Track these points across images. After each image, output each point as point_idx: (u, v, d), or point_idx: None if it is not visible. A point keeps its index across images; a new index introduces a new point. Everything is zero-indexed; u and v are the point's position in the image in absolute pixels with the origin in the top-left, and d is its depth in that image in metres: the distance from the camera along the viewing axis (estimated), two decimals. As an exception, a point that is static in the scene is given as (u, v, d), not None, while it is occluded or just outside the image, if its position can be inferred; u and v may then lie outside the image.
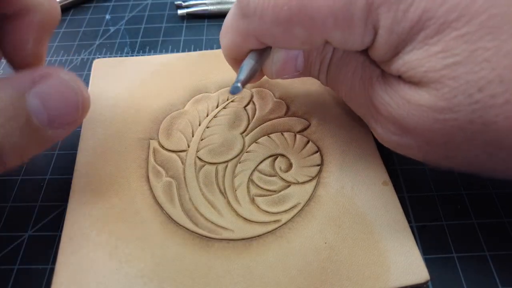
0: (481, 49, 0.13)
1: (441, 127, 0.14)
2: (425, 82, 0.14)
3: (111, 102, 0.24)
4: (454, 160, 0.16)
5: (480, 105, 0.13)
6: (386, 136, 0.17)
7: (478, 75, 0.13)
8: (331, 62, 0.19)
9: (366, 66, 0.17)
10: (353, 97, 0.18)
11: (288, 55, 0.19)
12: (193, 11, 0.32)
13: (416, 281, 0.17)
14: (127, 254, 0.18)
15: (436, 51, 0.13)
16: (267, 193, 0.20)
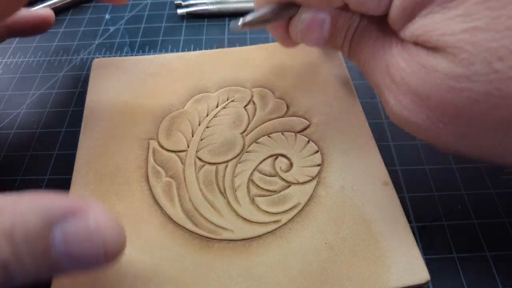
0: (505, 16, 0.12)
1: (455, 97, 0.14)
2: (442, 47, 0.13)
3: (110, 102, 0.24)
4: (465, 141, 0.15)
5: (499, 76, 0.12)
6: (398, 109, 0.16)
7: (499, 43, 0.12)
8: (356, 30, 0.19)
9: (387, 33, 0.17)
10: (372, 67, 0.18)
11: (315, 16, 0.19)
12: (193, 11, 0.32)
13: (416, 281, 0.17)
14: (127, 255, 0.18)
15: (455, 15, 0.13)
16: (267, 193, 0.20)
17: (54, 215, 0.13)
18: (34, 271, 0.13)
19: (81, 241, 0.13)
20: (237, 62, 0.26)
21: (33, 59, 0.29)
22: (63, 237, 0.13)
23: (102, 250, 0.13)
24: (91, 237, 0.13)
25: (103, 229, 0.14)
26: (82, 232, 0.13)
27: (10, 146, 0.24)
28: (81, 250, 0.13)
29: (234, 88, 0.25)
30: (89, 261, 0.14)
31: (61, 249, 0.13)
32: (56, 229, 0.13)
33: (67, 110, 0.26)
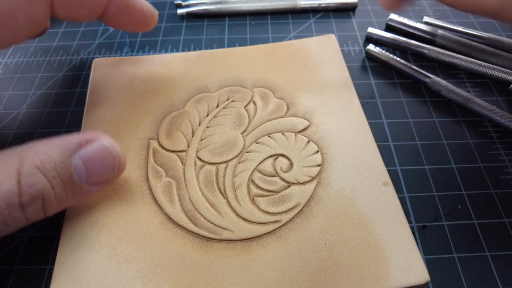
0: None
1: None
2: None
3: (110, 101, 0.24)
4: None
5: None
6: None
7: None
8: None
9: None
10: None
11: None
12: (193, 11, 0.32)
13: (416, 282, 0.17)
14: (126, 255, 0.18)
15: None
16: (267, 193, 0.20)
17: (71, 147, 0.16)
18: (64, 198, 0.16)
19: (98, 156, 0.17)
20: (237, 62, 0.26)
21: (33, 59, 0.29)
22: (82, 161, 0.16)
23: (117, 160, 0.18)
24: (107, 152, 0.17)
25: (115, 145, 0.18)
26: (99, 150, 0.17)
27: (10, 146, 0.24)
28: (99, 164, 0.17)
29: (234, 88, 0.25)
30: (107, 173, 0.18)
31: (81, 171, 0.16)
32: (75, 157, 0.16)
33: (67, 110, 0.26)
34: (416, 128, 0.24)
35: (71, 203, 0.17)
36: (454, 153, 0.23)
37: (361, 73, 0.28)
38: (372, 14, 0.32)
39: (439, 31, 0.29)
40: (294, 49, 0.27)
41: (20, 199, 0.15)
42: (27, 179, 0.15)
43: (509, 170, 0.22)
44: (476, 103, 0.25)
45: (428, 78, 0.26)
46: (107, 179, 0.18)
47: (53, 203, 0.16)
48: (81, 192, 0.17)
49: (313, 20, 0.32)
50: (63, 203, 0.17)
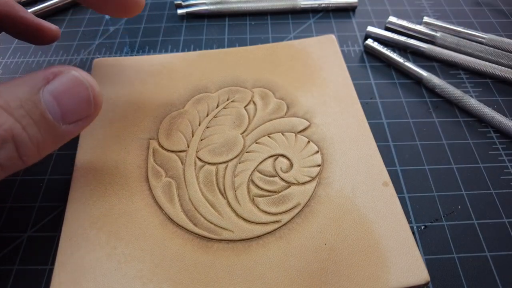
0: None
1: None
2: None
3: (110, 102, 0.24)
4: None
5: None
6: None
7: None
8: None
9: None
10: None
11: None
12: (193, 11, 0.32)
13: (416, 282, 0.17)
14: (126, 255, 0.18)
15: None
16: (267, 193, 0.20)
17: (37, 82, 0.15)
18: (41, 140, 0.15)
19: (69, 89, 0.15)
20: (237, 62, 0.26)
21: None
22: (52, 96, 0.15)
23: (92, 91, 0.16)
24: (78, 82, 0.16)
25: (86, 75, 0.16)
26: (68, 82, 0.15)
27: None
28: (71, 97, 0.15)
29: (234, 88, 0.25)
30: (82, 106, 0.16)
31: (53, 107, 0.15)
32: (43, 93, 0.15)
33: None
34: (416, 128, 0.24)
35: (50, 146, 0.16)
36: (454, 153, 0.23)
37: (361, 73, 0.28)
38: (372, 15, 0.32)
39: (438, 33, 0.29)
40: (294, 49, 0.27)
41: None
42: None
43: (509, 170, 0.22)
44: (469, 102, 0.25)
45: (423, 74, 0.26)
46: (84, 115, 0.16)
47: (29, 146, 0.14)
48: (59, 132, 0.15)
49: (313, 20, 0.32)
50: (41, 146, 0.15)
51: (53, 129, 0.15)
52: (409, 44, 0.29)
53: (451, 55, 0.28)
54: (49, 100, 0.15)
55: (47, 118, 0.15)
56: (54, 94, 0.15)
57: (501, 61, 0.27)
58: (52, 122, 0.15)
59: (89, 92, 0.16)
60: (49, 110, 0.15)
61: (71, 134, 0.16)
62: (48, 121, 0.15)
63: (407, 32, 0.30)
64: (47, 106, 0.15)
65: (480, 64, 0.27)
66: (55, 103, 0.15)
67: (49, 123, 0.15)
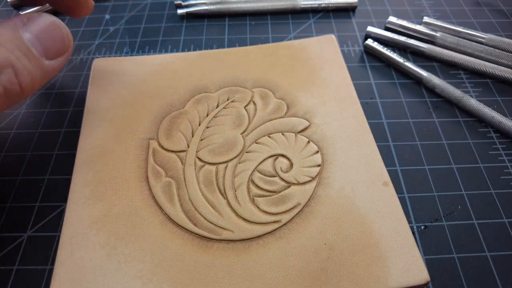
0: None
1: None
2: None
3: (110, 102, 0.24)
4: None
5: None
6: None
7: None
8: None
9: None
10: None
11: None
12: (193, 11, 0.32)
13: (416, 282, 0.17)
14: (126, 255, 0.18)
15: None
16: (267, 193, 0.20)
17: (16, 24, 0.17)
18: (32, 71, 0.17)
19: (45, 27, 0.18)
20: (237, 62, 0.26)
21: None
22: (31, 34, 0.17)
23: (64, 29, 0.19)
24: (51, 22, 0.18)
25: (56, 18, 0.18)
26: (43, 22, 0.18)
27: (10, 146, 0.24)
28: (48, 34, 0.18)
29: (234, 88, 0.25)
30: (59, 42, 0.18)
31: (35, 43, 0.17)
32: (24, 32, 0.17)
33: (67, 110, 0.26)
34: (416, 128, 0.24)
35: (39, 80, 0.17)
36: (454, 153, 0.23)
37: (361, 73, 0.28)
38: (372, 15, 0.32)
39: (438, 33, 0.29)
40: (294, 49, 0.27)
41: None
42: None
43: (509, 170, 0.22)
44: (468, 102, 0.25)
45: (423, 74, 0.26)
46: (62, 51, 0.18)
47: (24, 74, 0.16)
48: (44, 67, 0.17)
49: (313, 20, 0.32)
50: (33, 76, 0.17)
51: (39, 62, 0.17)
52: (409, 44, 0.29)
53: (451, 55, 0.28)
54: (30, 38, 0.17)
55: (32, 52, 0.17)
56: (34, 33, 0.17)
57: (501, 61, 0.27)
58: (37, 56, 0.17)
59: (62, 31, 0.18)
60: (33, 46, 0.17)
61: (54, 69, 0.18)
62: (34, 54, 0.17)
63: (407, 32, 0.30)
64: (30, 43, 0.17)
65: (480, 64, 0.27)
66: (35, 41, 0.17)
67: (35, 56, 0.17)
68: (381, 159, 0.21)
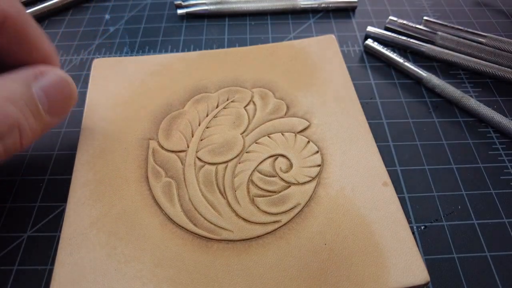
0: None
1: None
2: None
3: (110, 102, 0.24)
4: None
5: None
6: None
7: None
8: None
9: None
10: None
11: None
12: (193, 11, 0.32)
13: (416, 282, 0.17)
14: (126, 255, 0.18)
15: None
16: (267, 193, 0.20)
17: (29, 78, 0.17)
18: (35, 129, 0.17)
19: (56, 85, 0.18)
20: (237, 62, 0.26)
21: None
22: (42, 90, 0.17)
23: (73, 87, 0.19)
24: (64, 80, 0.18)
25: (67, 75, 0.19)
26: (55, 79, 0.18)
27: (10, 146, 0.24)
28: (58, 92, 0.18)
29: (234, 88, 0.25)
30: (65, 100, 0.18)
31: (43, 100, 0.17)
32: (35, 88, 0.17)
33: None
34: (416, 128, 0.24)
35: (38, 135, 0.18)
36: (454, 153, 0.23)
37: (361, 73, 0.28)
38: (372, 15, 0.32)
39: (438, 33, 0.29)
40: (294, 49, 0.27)
41: None
42: (1, 110, 0.15)
43: (509, 170, 0.22)
44: (468, 102, 0.25)
45: (423, 75, 0.26)
46: (65, 110, 0.19)
47: (28, 133, 0.17)
48: (46, 123, 0.18)
49: (313, 20, 0.32)
50: (34, 133, 0.17)
51: (42, 119, 0.17)
52: (409, 44, 0.29)
53: (451, 55, 0.28)
54: (40, 94, 0.17)
55: (39, 109, 0.17)
56: (44, 89, 0.17)
57: (501, 61, 0.27)
58: (42, 114, 0.17)
59: (71, 89, 0.19)
60: (40, 102, 0.17)
61: (52, 125, 0.19)
62: (40, 112, 0.17)
63: (407, 32, 0.30)
64: (39, 99, 0.17)
65: (480, 64, 0.27)
66: (44, 97, 0.17)
67: (40, 114, 0.17)
68: (381, 159, 0.21)
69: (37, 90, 0.17)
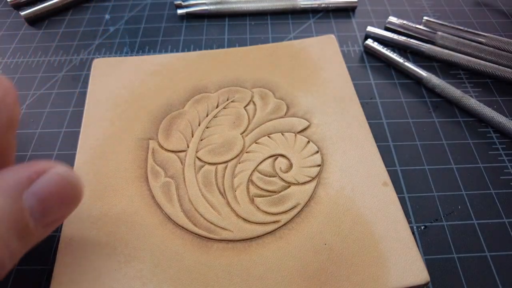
0: None
1: None
2: None
3: (110, 102, 0.24)
4: None
5: None
6: None
7: None
8: None
9: None
10: None
11: None
12: (193, 11, 0.32)
13: (416, 282, 0.17)
14: (126, 255, 0.18)
15: None
16: (267, 193, 0.20)
17: (20, 185, 0.13)
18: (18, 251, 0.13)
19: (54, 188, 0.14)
20: (237, 62, 0.26)
21: (33, 59, 0.29)
22: (36, 198, 0.13)
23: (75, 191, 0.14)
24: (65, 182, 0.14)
25: (69, 172, 0.14)
26: (52, 182, 0.14)
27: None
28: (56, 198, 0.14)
29: (234, 88, 0.25)
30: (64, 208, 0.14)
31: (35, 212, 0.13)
32: (28, 196, 0.13)
33: (67, 110, 0.26)
34: (416, 128, 0.24)
35: (21, 255, 0.13)
36: (454, 153, 0.23)
37: (361, 73, 0.28)
38: (372, 15, 0.32)
39: (438, 33, 0.29)
40: (294, 49, 0.27)
41: None
42: None
43: (509, 170, 0.22)
44: (468, 102, 0.25)
45: (423, 75, 0.26)
46: (64, 216, 0.15)
47: (9, 262, 0.13)
48: (34, 238, 0.14)
49: (313, 20, 0.32)
50: (15, 260, 0.13)
51: (31, 236, 0.13)
52: (409, 44, 0.29)
53: (451, 55, 0.28)
54: (33, 205, 0.13)
55: (29, 227, 0.13)
56: (39, 197, 0.13)
57: (501, 61, 0.27)
58: (32, 229, 0.13)
59: (74, 191, 0.15)
60: (32, 215, 0.13)
61: (42, 237, 0.14)
62: (29, 229, 0.13)
63: (407, 32, 0.30)
64: (30, 212, 0.13)
65: (480, 64, 0.27)
66: (38, 207, 0.13)
67: (29, 231, 0.13)
68: (381, 159, 0.21)
69: (30, 199, 0.13)
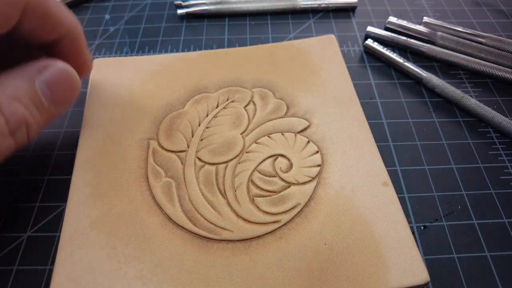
0: None
1: None
2: None
3: (110, 101, 0.24)
4: None
5: None
6: None
7: None
8: None
9: None
10: None
11: None
12: (193, 11, 0.32)
13: (416, 282, 0.17)
14: (126, 255, 0.18)
15: None
16: (267, 193, 0.20)
17: (32, 74, 0.18)
18: (40, 122, 0.18)
19: (59, 77, 0.19)
20: (237, 62, 0.26)
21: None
22: (45, 84, 0.18)
23: (75, 78, 0.19)
24: (66, 73, 0.19)
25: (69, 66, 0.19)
26: (57, 72, 0.19)
27: (10, 146, 0.24)
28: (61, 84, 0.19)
29: (234, 88, 0.25)
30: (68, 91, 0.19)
31: (46, 93, 0.18)
32: (39, 82, 0.18)
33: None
34: (416, 128, 0.24)
35: (44, 126, 0.19)
36: (454, 153, 0.23)
37: (361, 73, 0.28)
38: (372, 15, 0.32)
39: (438, 33, 0.29)
40: (294, 49, 0.27)
41: (8, 127, 0.16)
42: (8, 109, 0.16)
43: (509, 170, 0.22)
44: (468, 102, 0.25)
45: (423, 75, 0.26)
46: (68, 100, 0.19)
47: (34, 127, 0.18)
48: (50, 114, 0.19)
49: (313, 20, 0.32)
50: (40, 126, 0.18)
51: (47, 112, 0.18)
52: (409, 44, 0.29)
53: (451, 55, 0.28)
54: (43, 88, 0.18)
55: (44, 103, 0.18)
56: (47, 83, 0.18)
57: (501, 61, 0.27)
58: (46, 106, 0.18)
59: (73, 80, 0.19)
60: (44, 96, 0.18)
61: (56, 116, 0.19)
62: (44, 106, 0.18)
63: (407, 32, 0.30)
64: (42, 93, 0.18)
65: (480, 64, 0.27)
66: (47, 90, 0.18)
67: (44, 107, 0.18)
68: (381, 159, 0.21)
69: (40, 84, 0.18)
